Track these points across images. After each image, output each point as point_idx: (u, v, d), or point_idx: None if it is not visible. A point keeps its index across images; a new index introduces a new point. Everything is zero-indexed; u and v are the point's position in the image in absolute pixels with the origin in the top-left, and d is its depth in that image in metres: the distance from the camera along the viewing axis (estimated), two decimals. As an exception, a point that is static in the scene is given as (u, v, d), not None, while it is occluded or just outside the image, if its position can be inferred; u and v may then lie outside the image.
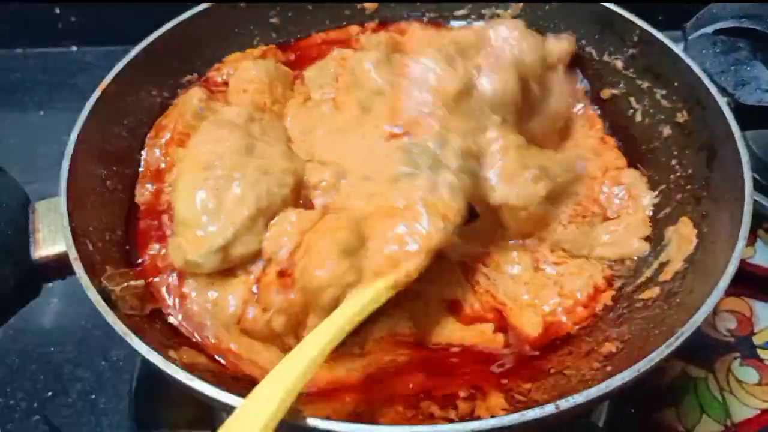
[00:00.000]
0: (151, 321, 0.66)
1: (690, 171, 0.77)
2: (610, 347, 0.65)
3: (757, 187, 0.85)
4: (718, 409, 0.79)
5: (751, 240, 0.92)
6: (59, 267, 0.64)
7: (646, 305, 0.69)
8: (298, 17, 0.93)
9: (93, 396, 0.81)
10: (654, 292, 0.70)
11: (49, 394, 0.81)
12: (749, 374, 0.82)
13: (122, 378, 0.82)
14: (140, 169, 0.77)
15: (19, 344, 0.85)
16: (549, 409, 0.50)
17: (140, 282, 0.66)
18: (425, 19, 0.96)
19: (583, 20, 0.88)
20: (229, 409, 0.51)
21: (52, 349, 0.85)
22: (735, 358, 0.83)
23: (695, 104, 0.77)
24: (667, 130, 0.81)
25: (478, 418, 0.59)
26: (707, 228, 0.71)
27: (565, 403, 0.50)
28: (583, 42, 0.89)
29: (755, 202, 0.81)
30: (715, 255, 0.65)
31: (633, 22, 0.83)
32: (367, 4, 0.94)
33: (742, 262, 0.60)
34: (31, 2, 1.19)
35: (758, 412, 0.79)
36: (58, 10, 1.20)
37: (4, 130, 1.13)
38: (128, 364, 0.82)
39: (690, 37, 0.84)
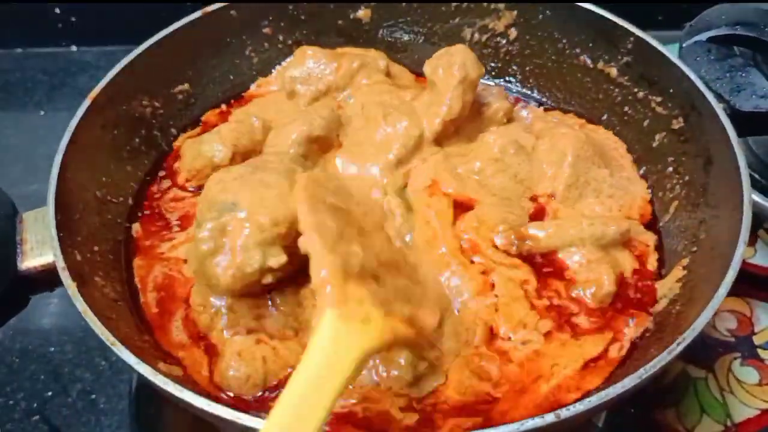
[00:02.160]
0: (141, 332, 0.66)
1: (687, 178, 0.77)
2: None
3: (758, 187, 0.85)
4: (719, 409, 0.79)
5: (752, 240, 0.92)
6: (47, 278, 0.64)
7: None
8: (290, 27, 0.92)
9: (93, 396, 0.80)
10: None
11: (49, 394, 0.81)
12: (749, 374, 0.82)
13: (122, 378, 0.82)
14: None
15: (19, 344, 0.85)
16: (549, 418, 0.50)
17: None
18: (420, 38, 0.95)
19: (576, 28, 0.88)
20: (217, 420, 0.51)
21: (52, 349, 0.85)
22: (735, 358, 0.83)
23: (691, 111, 0.77)
24: (663, 137, 0.81)
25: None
26: (704, 234, 0.71)
27: (565, 412, 0.50)
28: (578, 50, 0.89)
29: (756, 202, 0.81)
30: (713, 262, 0.65)
31: (627, 30, 0.83)
32: (361, 14, 0.93)
33: (743, 262, 0.60)
34: (31, 2, 1.18)
35: (758, 412, 0.79)
36: (58, 10, 1.20)
37: (4, 130, 1.13)
38: (128, 365, 0.82)
39: (684, 45, 0.84)
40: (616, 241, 0.72)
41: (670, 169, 0.79)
